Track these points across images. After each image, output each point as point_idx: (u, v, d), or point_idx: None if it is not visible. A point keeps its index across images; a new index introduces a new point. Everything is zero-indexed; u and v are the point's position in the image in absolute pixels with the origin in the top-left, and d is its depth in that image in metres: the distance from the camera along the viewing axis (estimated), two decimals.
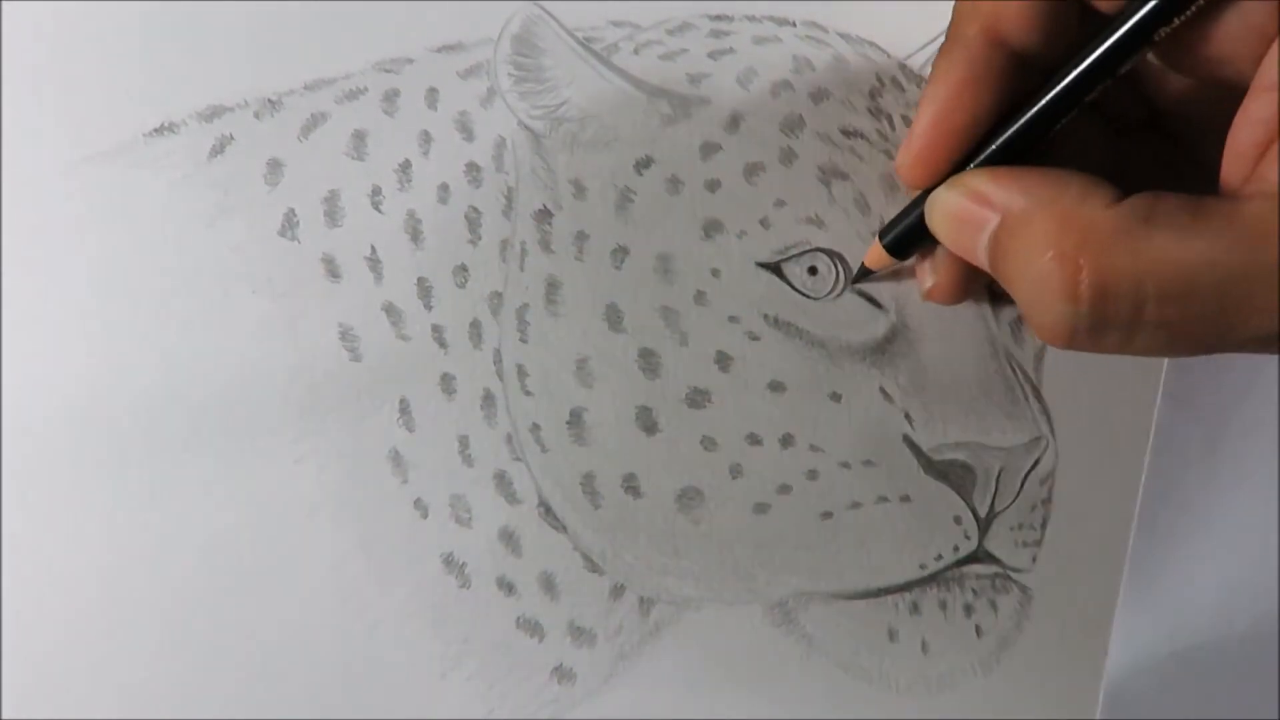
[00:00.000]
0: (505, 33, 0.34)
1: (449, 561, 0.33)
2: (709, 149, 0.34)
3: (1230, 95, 0.25)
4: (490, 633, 0.33)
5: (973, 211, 0.27)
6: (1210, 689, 0.40)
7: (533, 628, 0.34)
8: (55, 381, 0.32)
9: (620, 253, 0.33)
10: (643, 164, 0.34)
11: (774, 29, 0.35)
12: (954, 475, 0.34)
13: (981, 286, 0.32)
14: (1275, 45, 0.24)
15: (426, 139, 0.33)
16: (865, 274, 0.33)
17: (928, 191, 0.29)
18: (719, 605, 0.34)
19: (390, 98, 0.33)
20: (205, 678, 0.32)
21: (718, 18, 0.35)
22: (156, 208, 0.32)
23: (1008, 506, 0.34)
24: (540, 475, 0.33)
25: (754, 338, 0.33)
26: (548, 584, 0.34)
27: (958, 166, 0.28)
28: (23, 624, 0.31)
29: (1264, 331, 0.24)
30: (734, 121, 0.34)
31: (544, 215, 0.33)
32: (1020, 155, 0.28)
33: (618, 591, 0.34)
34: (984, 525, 0.34)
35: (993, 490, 0.34)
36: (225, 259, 0.32)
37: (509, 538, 0.33)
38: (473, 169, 0.34)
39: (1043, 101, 0.27)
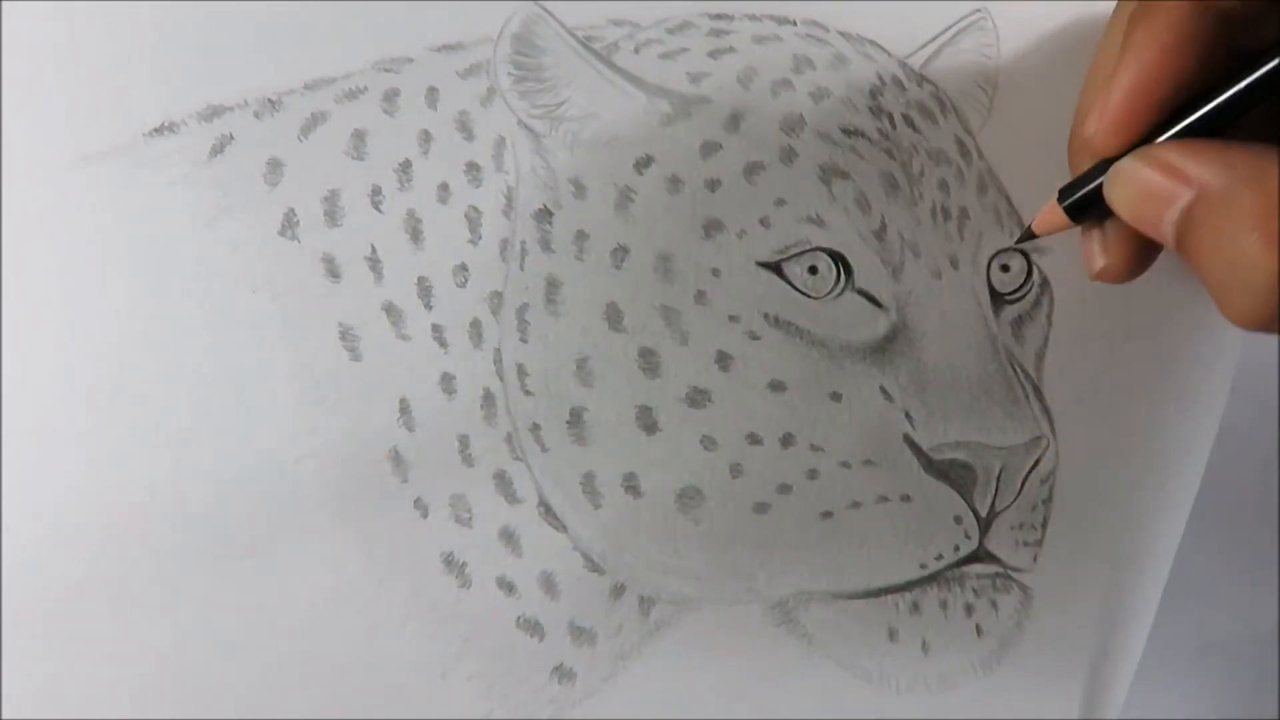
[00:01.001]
0: (505, 32, 0.33)
1: (449, 561, 0.33)
2: (709, 148, 0.34)
3: None
4: (490, 632, 0.33)
5: (1163, 186, 0.26)
6: (1211, 689, 0.40)
7: (533, 627, 0.34)
8: (55, 381, 0.32)
9: (620, 252, 0.33)
10: (643, 163, 0.33)
11: (774, 28, 0.35)
12: (954, 475, 0.34)
13: (1150, 266, 0.30)
14: None
15: (426, 138, 0.33)
16: (1030, 236, 0.31)
17: (1109, 161, 0.28)
18: (719, 605, 0.34)
19: (390, 97, 0.33)
20: (205, 678, 0.32)
21: (718, 16, 0.35)
22: (156, 207, 0.32)
23: (1008, 506, 0.34)
24: (540, 475, 0.33)
25: (754, 337, 0.33)
26: (548, 584, 0.34)
27: (1146, 137, 0.27)
28: (22, 624, 0.31)
29: None
30: (734, 120, 0.34)
31: (544, 215, 0.33)
32: (1211, 131, 0.26)
33: (618, 591, 0.34)
34: (984, 525, 0.34)
35: (993, 490, 0.34)
36: (225, 259, 0.32)
37: (509, 537, 0.33)
38: (473, 168, 0.34)
39: (1250, 79, 0.25)
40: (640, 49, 0.34)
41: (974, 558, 0.35)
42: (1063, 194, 0.30)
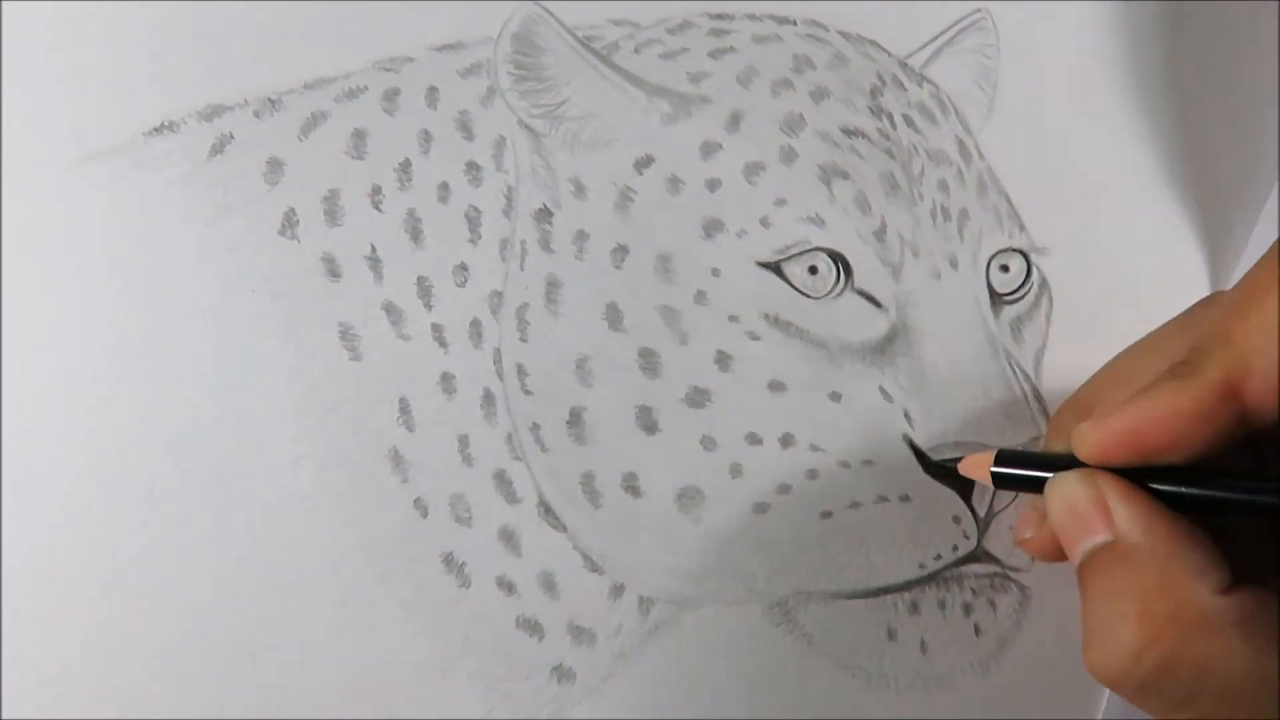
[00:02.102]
0: (505, 31, 0.33)
1: (449, 561, 0.33)
2: (709, 148, 0.34)
3: None
4: (490, 632, 0.33)
5: (1089, 515, 0.26)
6: None
7: (532, 627, 0.34)
8: (55, 381, 0.32)
9: (620, 252, 0.33)
10: (643, 163, 0.33)
11: (774, 27, 0.35)
12: (953, 475, 0.34)
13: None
14: None
15: (426, 138, 0.33)
16: (946, 466, 0.33)
17: (1061, 459, 0.28)
18: (719, 605, 0.34)
19: (390, 96, 0.33)
20: (205, 677, 0.32)
21: (718, 16, 0.35)
22: (156, 207, 0.32)
23: (1007, 506, 0.34)
24: (540, 475, 0.33)
25: (754, 337, 0.33)
26: (547, 583, 0.34)
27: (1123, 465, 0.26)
28: (22, 624, 0.31)
29: None
30: (734, 120, 0.34)
31: (544, 214, 0.33)
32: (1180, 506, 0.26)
33: (617, 591, 0.34)
34: (983, 525, 0.34)
35: (991, 490, 0.34)
36: (225, 258, 0.32)
37: (509, 537, 0.33)
38: (473, 168, 0.34)
39: (1232, 497, 0.25)
40: (640, 49, 0.34)
41: (972, 558, 0.35)
42: (1000, 460, 0.30)
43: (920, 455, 0.34)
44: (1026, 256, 0.36)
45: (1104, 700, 0.38)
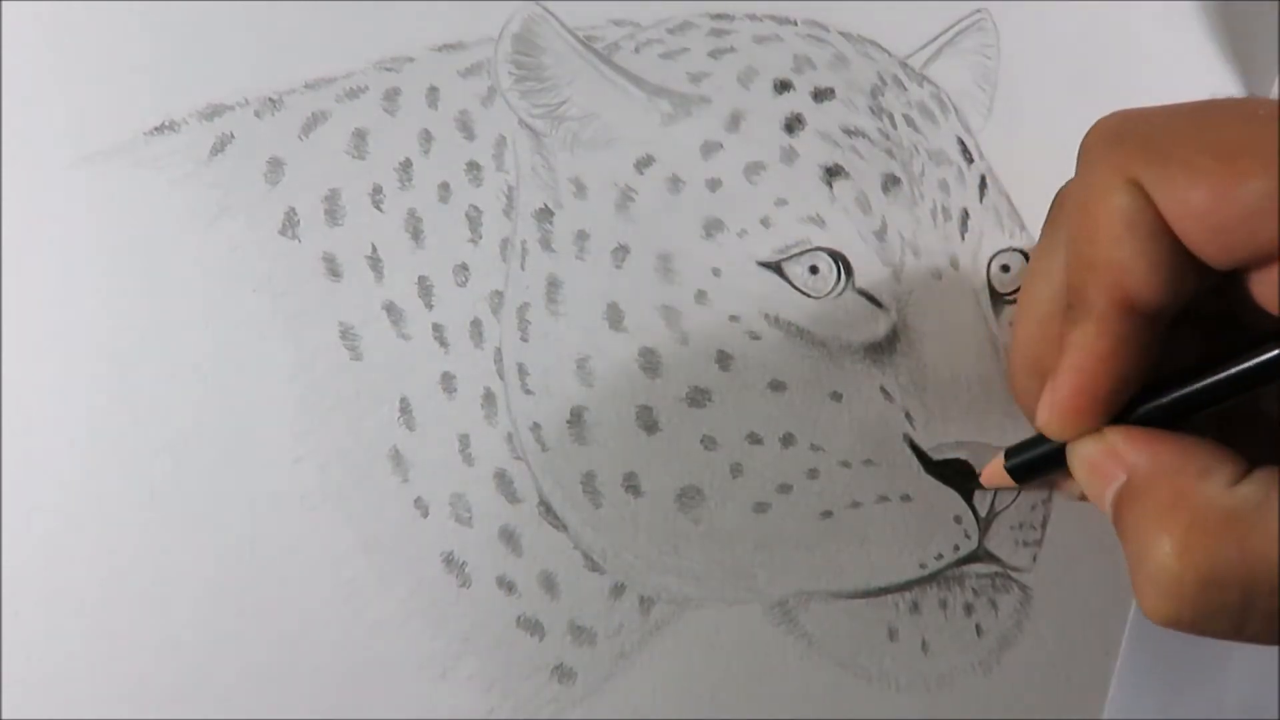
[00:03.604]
0: (506, 31, 0.33)
1: (449, 561, 0.33)
2: (710, 148, 0.34)
3: None
4: (490, 632, 0.33)
5: (1105, 466, 0.27)
6: (1210, 689, 0.40)
7: (533, 627, 0.34)
8: (55, 381, 0.32)
9: (621, 252, 0.33)
10: (643, 163, 0.33)
11: (775, 28, 0.35)
12: (954, 475, 0.34)
13: None
14: None
15: (427, 138, 0.33)
16: (949, 467, 0.33)
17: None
18: (719, 604, 0.34)
19: (391, 96, 0.33)
20: (205, 677, 0.32)
21: (718, 16, 0.35)
22: (157, 207, 0.32)
23: (1008, 506, 0.34)
24: (541, 474, 0.33)
25: (754, 337, 0.33)
26: (548, 583, 0.34)
27: (1112, 413, 0.28)
28: (22, 623, 0.31)
29: None
30: (735, 120, 0.34)
31: (545, 214, 0.33)
32: (1179, 415, 0.27)
33: (618, 590, 0.34)
34: (984, 524, 0.34)
35: (993, 490, 0.34)
36: (225, 258, 0.32)
37: (509, 537, 0.33)
38: (473, 168, 0.34)
39: (1196, 386, 0.26)
40: (641, 49, 0.34)
41: (974, 557, 0.35)
42: (1009, 454, 0.31)
43: (921, 455, 0.34)
44: (1027, 256, 0.36)
45: (1107, 700, 0.38)
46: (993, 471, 0.32)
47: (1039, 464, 0.30)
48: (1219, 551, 0.23)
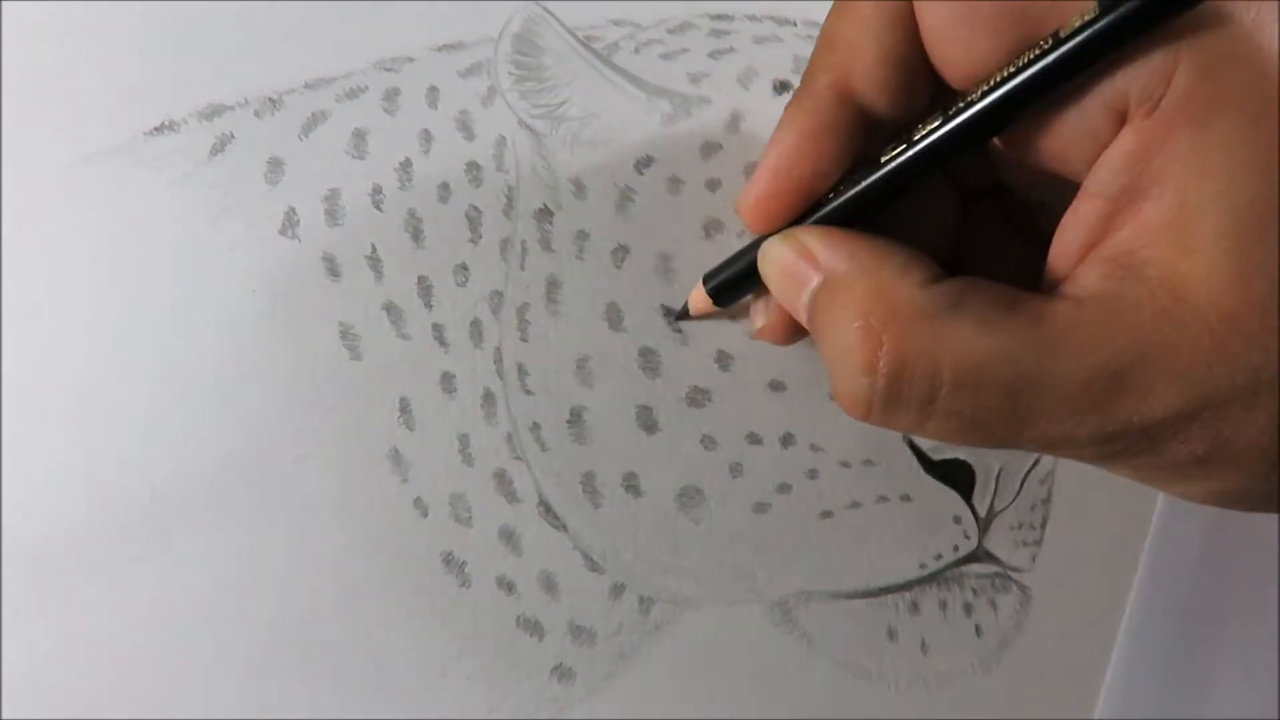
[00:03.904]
0: (506, 31, 0.34)
1: (449, 561, 0.33)
2: (709, 148, 0.34)
3: (1070, 187, 0.25)
4: (490, 632, 0.33)
5: (799, 267, 0.27)
6: (1210, 689, 0.40)
7: (533, 627, 0.34)
8: (55, 381, 0.32)
9: (621, 252, 0.33)
10: (643, 163, 0.34)
11: (774, 28, 0.35)
12: (953, 475, 0.34)
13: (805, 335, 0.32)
14: (1106, 152, 0.23)
15: (427, 138, 0.33)
16: (684, 314, 0.33)
17: (758, 242, 0.29)
18: (719, 605, 0.34)
19: (391, 96, 0.33)
20: (204, 677, 0.32)
21: (718, 17, 0.35)
22: (157, 206, 0.32)
23: (1007, 506, 0.34)
24: (540, 474, 0.33)
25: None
26: (548, 583, 0.34)
27: (799, 218, 0.28)
28: (22, 623, 0.31)
29: (1051, 435, 0.23)
30: (735, 121, 0.34)
31: (544, 214, 0.33)
32: (862, 216, 0.27)
33: (617, 590, 0.34)
34: (984, 525, 0.34)
35: (992, 490, 0.34)
36: (225, 258, 0.32)
37: (509, 537, 0.33)
38: (473, 168, 0.34)
39: (882, 172, 0.26)
40: (641, 49, 0.35)
41: (973, 558, 0.35)
42: (707, 278, 0.31)
43: (921, 455, 0.34)
44: None
45: (1099, 700, 0.38)
46: (696, 298, 0.32)
47: (735, 281, 0.30)
48: (913, 343, 0.24)
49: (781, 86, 0.34)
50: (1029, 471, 0.35)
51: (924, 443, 0.34)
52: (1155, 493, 0.37)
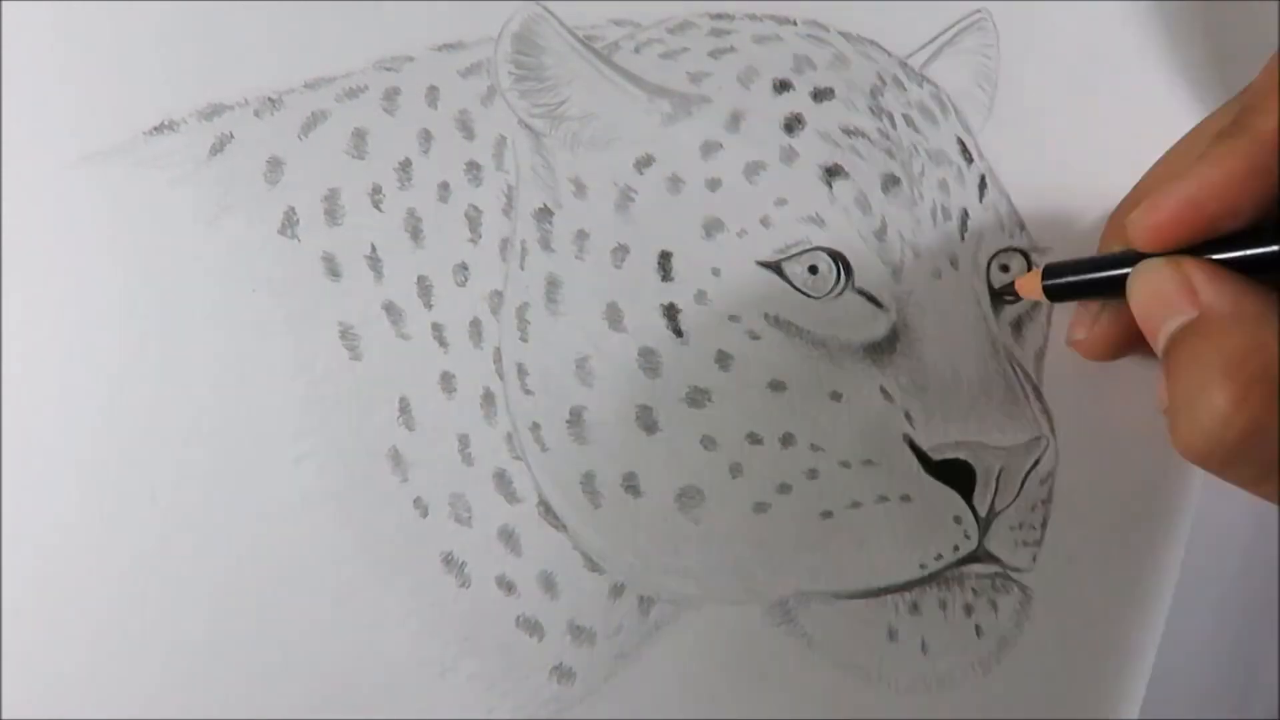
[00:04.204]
0: (506, 31, 0.33)
1: (449, 561, 0.33)
2: (710, 148, 0.34)
3: None
4: (490, 632, 0.33)
5: (1176, 297, 0.26)
6: (1211, 688, 0.40)
7: (532, 627, 0.34)
8: (55, 381, 0.32)
9: (621, 251, 0.33)
10: (643, 163, 0.33)
11: (775, 28, 0.35)
12: (954, 475, 0.34)
13: (1118, 358, 0.32)
14: None
15: (427, 137, 0.33)
16: (1010, 291, 0.33)
17: (1126, 255, 0.28)
18: (719, 605, 0.34)
19: (390, 96, 0.33)
20: (204, 677, 0.32)
21: (719, 16, 0.35)
22: (156, 206, 0.32)
23: (1008, 506, 0.34)
24: (540, 474, 0.33)
25: (754, 337, 0.33)
26: (547, 583, 0.34)
27: (1199, 239, 0.27)
28: (23, 623, 0.31)
29: None
30: (735, 120, 0.34)
31: (544, 214, 0.33)
32: (1260, 272, 0.26)
33: (617, 590, 0.34)
34: (984, 525, 0.34)
35: (993, 490, 0.34)
36: (225, 257, 0.32)
37: (509, 537, 0.33)
38: (473, 167, 0.34)
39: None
40: (641, 49, 0.34)
41: (973, 558, 0.34)
42: (1049, 272, 0.31)
43: (921, 455, 0.34)
44: (1027, 256, 0.36)
45: (1102, 700, 0.38)
46: (1027, 284, 0.31)
47: (1084, 285, 0.29)
48: (1276, 408, 0.23)
49: (782, 86, 0.34)
50: (1029, 471, 0.35)
51: (924, 442, 0.34)
52: (1155, 492, 0.37)
